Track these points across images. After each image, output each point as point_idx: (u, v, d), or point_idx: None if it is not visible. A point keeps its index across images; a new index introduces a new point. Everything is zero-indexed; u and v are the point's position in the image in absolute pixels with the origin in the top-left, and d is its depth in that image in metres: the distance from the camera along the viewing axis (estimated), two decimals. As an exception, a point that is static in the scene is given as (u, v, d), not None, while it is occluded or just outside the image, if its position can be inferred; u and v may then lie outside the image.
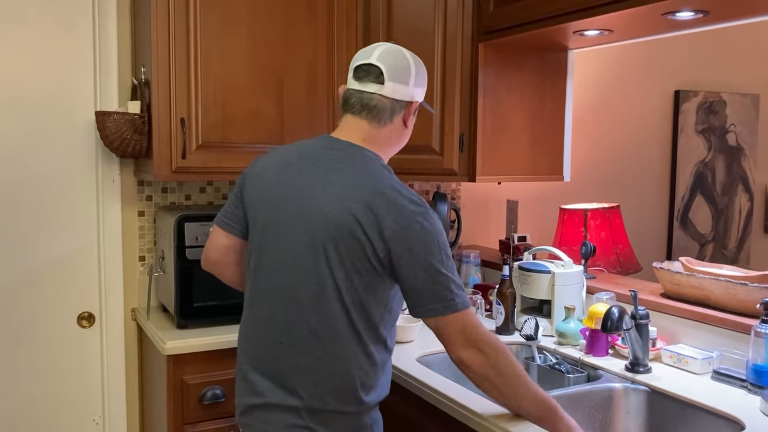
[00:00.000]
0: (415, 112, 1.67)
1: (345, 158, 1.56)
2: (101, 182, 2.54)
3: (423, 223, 1.47)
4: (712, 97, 3.87)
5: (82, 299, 2.55)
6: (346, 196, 1.48)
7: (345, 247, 1.47)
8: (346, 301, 1.49)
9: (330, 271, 1.49)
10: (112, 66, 2.51)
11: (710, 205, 3.96)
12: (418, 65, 1.65)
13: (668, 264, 2.18)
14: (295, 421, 1.52)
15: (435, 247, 1.47)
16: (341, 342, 1.51)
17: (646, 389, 1.82)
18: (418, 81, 1.64)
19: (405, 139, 1.70)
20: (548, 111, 2.56)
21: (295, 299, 1.52)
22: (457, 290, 1.49)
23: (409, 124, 1.66)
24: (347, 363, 1.52)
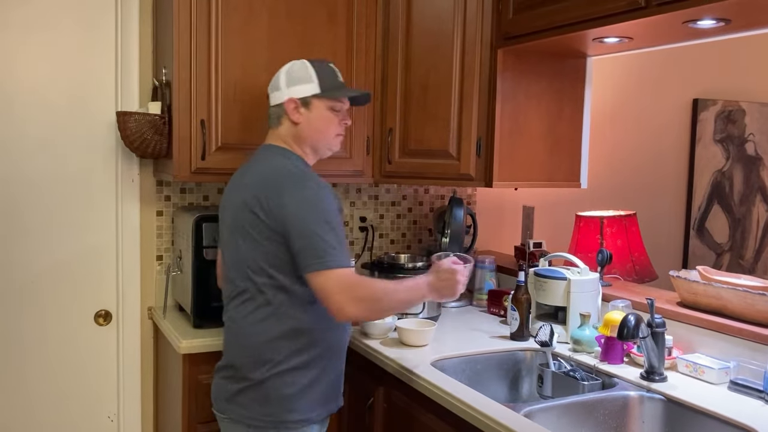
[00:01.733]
0: (309, 106, 1.92)
1: (257, 156, 1.94)
2: (120, 182, 2.57)
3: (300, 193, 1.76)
4: (730, 106, 3.85)
5: (100, 297, 2.58)
6: (247, 183, 1.85)
7: (250, 220, 1.79)
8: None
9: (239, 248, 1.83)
10: (134, 67, 2.54)
11: (727, 215, 3.93)
12: (292, 67, 1.95)
13: (685, 273, 2.17)
14: None
15: (312, 212, 1.74)
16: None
17: (662, 398, 1.81)
18: (292, 81, 1.93)
19: (311, 131, 1.93)
20: (566, 117, 2.55)
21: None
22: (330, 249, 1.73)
23: (298, 119, 1.92)
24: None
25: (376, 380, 2.15)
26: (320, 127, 1.95)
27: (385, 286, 1.84)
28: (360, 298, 1.75)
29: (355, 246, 2.92)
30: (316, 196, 1.77)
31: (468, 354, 2.16)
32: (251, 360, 1.82)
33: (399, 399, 2.05)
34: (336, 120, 1.97)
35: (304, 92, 1.92)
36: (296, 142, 1.94)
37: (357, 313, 1.78)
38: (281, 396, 1.81)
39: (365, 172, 2.56)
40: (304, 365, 1.83)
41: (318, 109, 1.94)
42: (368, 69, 2.52)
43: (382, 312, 1.92)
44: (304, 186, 1.79)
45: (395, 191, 3.01)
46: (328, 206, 1.77)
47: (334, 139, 1.99)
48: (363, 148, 2.54)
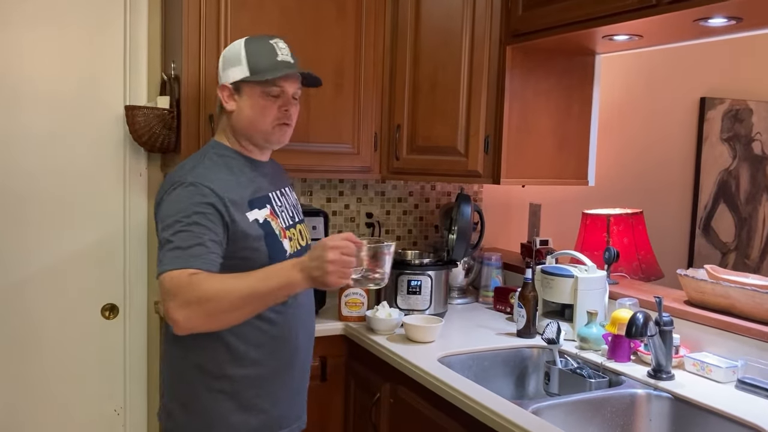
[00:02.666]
0: (240, 92, 1.70)
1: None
2: (128, 176, 2.57)
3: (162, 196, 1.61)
4: (738, 105, 3.84)
5: (107, 291, 2.58)
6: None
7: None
8: None
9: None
10: (142, 61, 2.54)
11: (733, 214, 3.93)
12: (226, 51, 1.75)
13: (693, 271, 2.17)
14: None
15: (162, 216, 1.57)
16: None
17: (669, 396, 1.81)
18: (225, 63, 1.73)
19: (244, 118, 1.71)
20: (574, 115, 2.55)
21: None
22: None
23: (229, 106, 1.72)
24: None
25: (383, 376, 2.15)
26: (252, 116, 1.70)
27: (223, 282, 1.47)
28: (187, 301, 1.42)
29: (361, 242, 2.92)
30: (172, 197, 1.58)
31: (475, 351, 2.16)
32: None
33: (405, 395, 2.05)
34: (273, 107, 1.70)
35: (235, 76, 1.70)
36: (234, 133, 1.74)
37: (188, 320, 1.43)
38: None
39: (373, 169, 2.56)
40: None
41: (249, 95, 1.70)
42: (376, 64, 2.52)
43: (220, 314, 1.47)
44: (168, 190, 1.60)
45: (402, 187, 3.01)
46: (182, 204, 1.54)
47: (273, 130, 1.72)
48: (371, 144, 2.54)
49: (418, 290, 2.38)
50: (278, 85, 1.70)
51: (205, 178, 1.61)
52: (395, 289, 2.40)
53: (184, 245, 1.49)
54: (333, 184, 2.86)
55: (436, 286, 2.40)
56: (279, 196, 1.80)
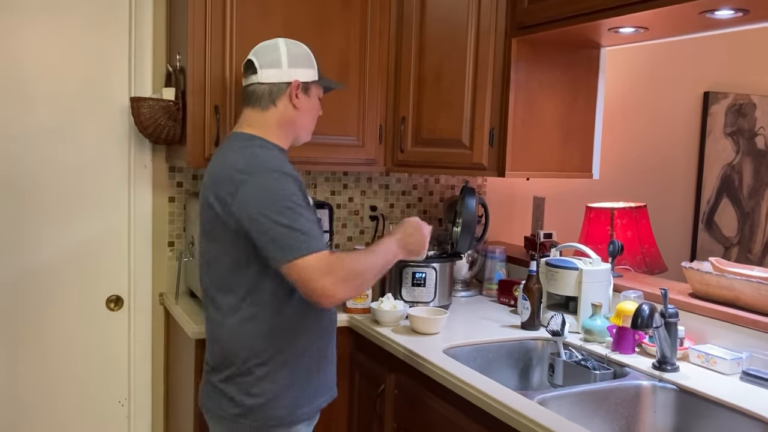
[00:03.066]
0: (308, 93, 1.82)
1: (223, 146, 1.80)
2: (133, 167, 2.57)
3: (258, 183, 1.63)
4: (741, 100, 3.84)
5: (111, 282, 2.58)
6: (208, 179, 1.74)
7: (208, 223, 1.71)
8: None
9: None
10: (147, 52, 2.54)
11: (736, 209, 3.93)
12: (292, 48, 1.82)
13: (697, 264, 2.17)
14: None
15: (272, 201, 1.61)
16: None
17: (674, 388, 1.82)
18: (295, 62, 1.80)
19: (303, 120, 1.84)
20: (579, 108, 2.55)
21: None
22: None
23: (299, 104, 1.80)
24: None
25: (387, 367, 2.16)
26: (311, 116, 1.87)
27: (363, 258, 1.71)
28: (345, 277, 1.62)
29: (365, 235, 2.93)
30: (274, 184, 1.63)
31: (479, 342, 2.16)
32: (228, 362, 1.74)
33: (410, 385, 2.06)
34: (318, 109, 1.90)
35: (308, 76, 1.82)
36: (282, 127, 1.80)
37: (345, 293, 1.65)
38: (261, 397, 1.72)
39: (377, 161, 2.56)
40: (282, 365, 1.73)
41: (313, 96, 1.85)
42: (382, 55, 2.52)
43: (366, 285, 1.83)
44: (262, 175, 1.65)
45: (405, 181, 3.01)
46: (288, 191, 1.63)
47: (312, 129, 1.91)
48: (375, 137, 2.54)
49: (422, 282, 2.38)
50: (329, 92, 1.94)
51: (282, 163, 1.70)
52: (400, 281, 2.40)
53: (306, 229, 1.61)
54: (337, 177, 2.86)
55: (440, 279, 2.41)
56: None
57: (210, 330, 1.82)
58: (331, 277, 1.59)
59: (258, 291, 1.70)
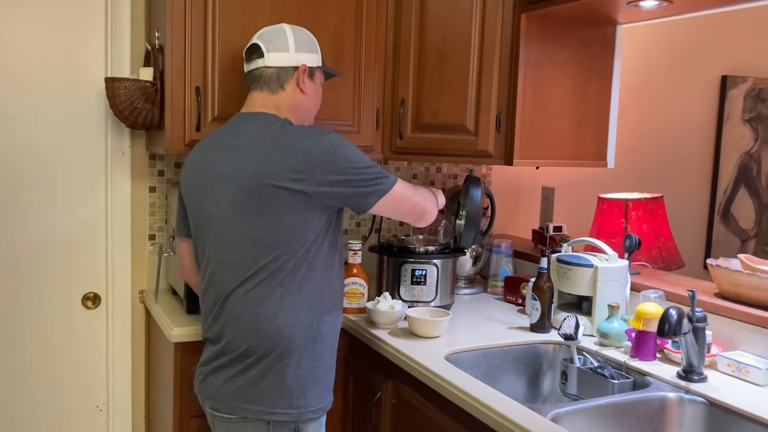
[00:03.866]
0: (313, 78, 1.83)
1: (246, 125, 1.74)
2: (110, 155, 2.39)
3: (321, 144, 1.64)
4: (761, 84, 3.63)
5: (88, 279, 2.40)
6: (252, 151, 1.65)
7: (260, 196, 1.62)
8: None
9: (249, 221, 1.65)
10: (125, 30, 2.34)
11: (754, 199, 3.73)
12: (298, 33, 1.81)
13: (724, 261, 1.98)
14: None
15: (341, 159, 1.65)
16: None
17: (703, 401, 1.63)
18: (301, 47, 1.80)
19: (311, 104, 1.85)
20: (593, 91, 2.35)
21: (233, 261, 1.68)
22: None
23: (305, 88, 1.80)
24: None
25: (384, 374, 1.98)
26: (316, 100, 1.88)
27: (422, 191, 1.88)
28: (423, 195, 1.83)
29: (362, 227, 2.74)
30: (338, 139, 1.68)
31: (485, 347, 1.98)
32: (269, 348, 1.66)
33: (410, 395, 1.88)
34: (321, 95, 1.91)
35: (313, 61, 1.83)
36: (293, 111, 1.80)
37: (433, 207, 1.86)
38: (302, 384, 1.69)
39: (375, 148, 2.36)
40: (322, 344, 1.73)
41: (317, 81, 1.87)
42: (379, 34, 2.31)
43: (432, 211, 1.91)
44: (323, 135, 1.67)
45: (405, 169, 2.81)
46: (356, 150, 1.71)
47: (314, 116, 1.91)
48: (372, 122, 2.34)
49: (422, 280, 2.19)
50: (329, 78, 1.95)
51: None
52: (398, 279, 2.21)
53: (383, 171, 1.73)
54: (332, 165, 2.67)
55: (442, 276, 2.22)
56: None
57: (236, 313, 1.68)
58: (416, 195, 1.80)
59: (309, 261, 1.68)
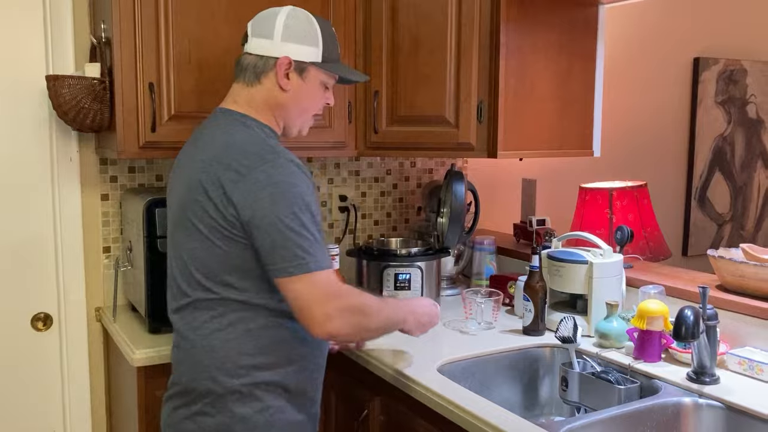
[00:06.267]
0: (303, 75, 1.54)
1: (208, 126, 1.54)
2: (56, 161, 2.17)
3: (265, 174, 1.38)
4: (732, 65, 3.57)
5: (37, 298, 2.19)
6: (199, 159, 1.45)
7: (197, 210, 1.43)
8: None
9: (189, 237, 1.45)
10: (66, 22, 2.13)
11: (729, 183, 3.68)
12: (292, 19, 1.54)
13: (725, 252, 1.87)
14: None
15: (283, 201, 1.36)
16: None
17: (720, 405, 1.51)
18: (290, 36, 1.52)
19: (293, 107, 1.56)
20: (576, 75, 2.23)
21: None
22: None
23: (287, 86, 1.53)
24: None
25: (371, 389, 1.82)
26: (306, 102, 1.59)
27: (373, 300, 1.52)
28: (349, 309, 1.42)
29: (335, 229, 2.57)
30: (289, 180, 1.39)
31: (477, 355, 1.84)
32: (208, 382, 1.45)
33: (399, 412, 1.72)
34: (322, 99, 1.63)
35: (305, 55, 1.54)
36: (271, 110, 1.55)
37: (342, 328, 1.41)
38: (246, 423, 1.45)
39: (347, 144, 2.19)
40: (273, 389, 1.47)
41: (312, 81, 1.57)
42: (348, 20, 2.14)
43: (367, 331, 1.54)
44: (274, 166, 1.39)
45: (378, 165, 2.65)
46: (304, 191, 1.40)
47: (309, 120, 1.64)
48: (344, 116, 2.17)
49: (407, 285, 2.04)
50: (335, 78, 1.63)
51: (294, 157, 1.45)
52: (380, 284, 2.05)
53: (319, 242, 1.40)
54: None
55: (427, 279, 2.07)
56: None
57: (184, 351, 1.51)
58: (333, 303, 1.38)
59: (252, 304, 1.45)
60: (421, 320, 1.64)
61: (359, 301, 1.46)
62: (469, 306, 2.05)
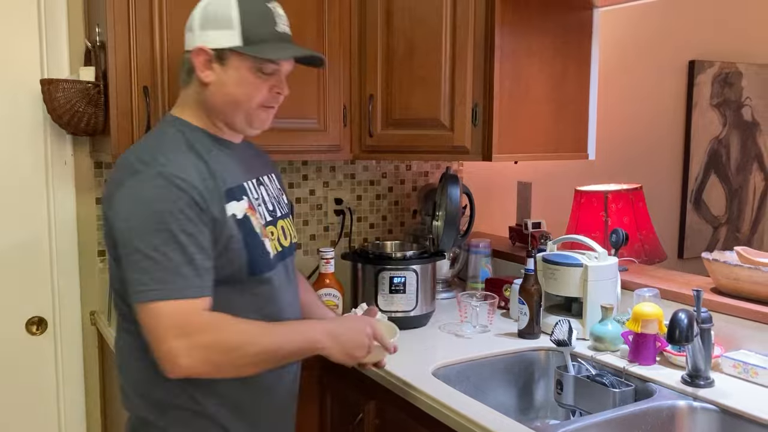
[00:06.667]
0: (225, 63, 1.37)
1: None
2: (51, 165, 2.17)
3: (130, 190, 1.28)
4: (727, 68, 3.57)
5: (32, 302, 2.18)
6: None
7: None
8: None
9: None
10: (61, 26, 2.12)
11: (724, 185, 3.68)
12: (210, 4, 1.38)
13: (719, 254, 1.87)
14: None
15: (135, 220, 1.26)
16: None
17: (715, 408, 1.51)
18: (207, 23, 1.37)
19: (219, 101, 1.39)
20: (571, 78, 2.22)
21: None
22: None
23: (208, 78, 1.38)
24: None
25: (365, 393, 1.82)
26: (237, 93, 1.39)
27: (247, 329, 1.29)
28: (202, 346, 1.23)
29: (330, 232, 2.56)
30: (148, 195, 1.26)
31: (472, 358, 1.84)
32: (138, 403, 1.41)
33: (394, 416, 1.72)
34: (264, 86, 1.40)
35: (220, 41, 1.36)
36: (203, 108, 1.41)
37: (196, 367, 1.23)
38: None
39: (343, 147, 2.19)
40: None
41: (236, 68, 1.37)
42: (343, 24, 2.14)
43: (234, 368, 1.30)
44: (140, 180, 1.28)
45: (374, 168, 2.65)
46: (165, 209, 1.25)
47: (256, 112, 1.42)
48: (339, 119, 2.16)
49: (402, 288, 2.03)
50: (276, 65, 1.40)
51: (176, 165, 1.30)
52: (375, 288, 2.05)
53: (172, 265, 1.23)
54: (296, 167, 2.49)
55: (422, 282, 2.06)
56: (256, 186, 1.49)
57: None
58: (186, 340, 1.21)
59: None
60: (344, 347, 1.38)
61: (216, 337, 1.24)
62: (465, 309, 2.05)
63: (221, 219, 1.32)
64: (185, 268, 1.23)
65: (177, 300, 1.22)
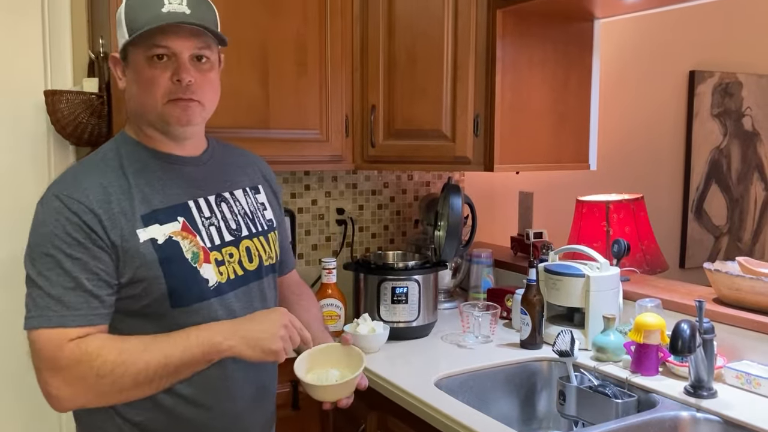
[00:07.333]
0: (128, 62, 1.30)
1: None
2: (54, 175, 2.15)
3: (34, 214, 1.26)
4: (728, 78, 3.58)
5: (34, 313, 2.18)
6: None
7: None
8: None
9: None
10: (65, 38, 2.13)
11: (725, 195, 3.68)
12: (124, 6, 1.30)
13: (721, 265, 1.88)
14: None
15: (29, 245, 1.23)
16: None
17: (718, 420, 1.51)
18: (117, 24, 1.30)
19: (134, 101, 1.32)
20: (572, 89, 2.24)
21: None
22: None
23: (121, 85, 1.34)
24: None
25: (368, 403, 1.81)
26: (138, 92, 1.29)
27: (127, 348, 1.19)
28: (76, 377, 1.15)
29: (332, 242, 2.57)
30: (40, 219, 1.23)
31: (475, 369, 1.84)
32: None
33: (396, 426, 1.73)
34: (162, 77, 1.27)
35: (120, 43, 1.30)
36: (133, 120, 1.35)
37: (75, 399, 1.17)
38: None
39: (345, 158, 2.20)
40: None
41: (135, 65, 1.29)
42: (345, 36, 2.15)
43: (118, 393, 1.20)
44: (41, 203, 1.25)
45: (375, 178, 2.66)
46: (52, 232, 1.20)
47: (165, 109, 1.28)
48: (341, 130, 2.18)
49: (404, 298, 2.04)
50: (161, 44, 1.25)
51: (76, 186, 1.24)
52: (377, 298, 2.05)
53: (55, 292, 1.17)
54: (298, 177, 2.50)
55: (424, 293, 2.07)
56: (212, 204, 1.37)
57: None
58: (57, 373, 1.15)
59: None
60: (251, 341, 1.24)
61: (91, 365, 1.16)
62: (467, 319, 2.05)
63: (125, 245, 1.22)
64: (69, 295, 1.17)
65: (54, 328, 1.16)
